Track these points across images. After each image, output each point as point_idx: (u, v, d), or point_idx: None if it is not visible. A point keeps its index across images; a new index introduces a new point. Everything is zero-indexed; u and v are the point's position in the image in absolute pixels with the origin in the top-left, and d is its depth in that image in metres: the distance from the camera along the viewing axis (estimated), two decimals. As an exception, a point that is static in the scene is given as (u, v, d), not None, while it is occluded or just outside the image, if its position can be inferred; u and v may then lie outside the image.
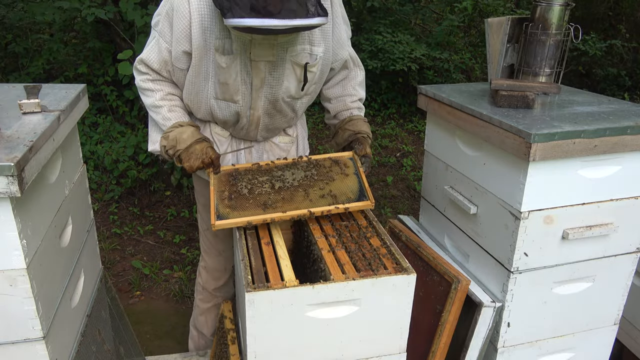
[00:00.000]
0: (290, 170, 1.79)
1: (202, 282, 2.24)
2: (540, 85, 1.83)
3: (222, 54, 1.67)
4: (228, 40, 1.65)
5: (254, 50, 1.66)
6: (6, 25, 4.93)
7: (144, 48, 1.79)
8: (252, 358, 1.43)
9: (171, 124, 1.78)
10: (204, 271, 2.21)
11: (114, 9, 3.95)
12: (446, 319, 1.75)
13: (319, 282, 1.39)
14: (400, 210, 3.98)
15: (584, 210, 1.70)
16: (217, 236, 2.11)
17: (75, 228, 1.63)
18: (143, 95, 1.84)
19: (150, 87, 1.80)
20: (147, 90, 1.81)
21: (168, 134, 1.77)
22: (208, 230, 2.12)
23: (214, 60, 1.69)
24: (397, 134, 5.41)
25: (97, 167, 4.07)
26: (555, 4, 1.87)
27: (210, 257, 2.17)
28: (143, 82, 1.81)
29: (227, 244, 2.14)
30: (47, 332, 1.34)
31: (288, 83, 1.78)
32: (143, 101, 1.86)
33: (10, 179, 1.12)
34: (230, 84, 1.72)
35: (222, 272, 2.20)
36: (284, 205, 1.67)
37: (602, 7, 6.72)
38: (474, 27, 6.95)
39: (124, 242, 3.54)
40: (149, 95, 1.82)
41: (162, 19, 1.70)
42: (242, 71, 1.71)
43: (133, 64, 1.85)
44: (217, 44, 1.65)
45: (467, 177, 1.89)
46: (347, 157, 1.86)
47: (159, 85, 1.81)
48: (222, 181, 1.75)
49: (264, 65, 1.70)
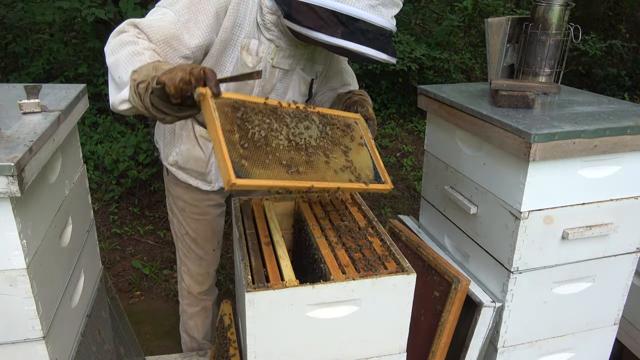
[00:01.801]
0: (303, 123, 1.46)
1: (186, 287, 2.18)
2: (540, 85, 1.83)
3: (249, 54, 1.66)
4: (254, 41, 1.65)
5: (277, 57, 1.71)
6: (6, 25, 4.92)
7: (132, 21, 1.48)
8: (252, 358, 1.43)
9: (143, 59, 1.38)
10: (187, 276, 2.15)
11: (114, 9, 3.96)
12: (446, 319, 1.75)
13: (319, 282, 1.39)
14: (400, 210, 3.98)
15: (584, 210, 1.70)
16: (196, 242, 2.06)
17: (75, 228, 1.63)
18: (118, 47, 1.40)
19: (133, 40, 1.42)
20: (129, 44, 1.40)
21: (141, 67, 1.31)
22: (187, 235, 2.06)
23: (239, 59, 1.66)
24: (397, 134, 5.41)
25: (97, 167, 4.07)
26: (555, 4, 1.87)
27: (191, 262, 2.12)
28: (127, 36, 1.44)
29: (207, 249, 2.09)
30: (47, 332, 1.34)
31: (292, 94, 1.83)
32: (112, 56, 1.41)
33: (10, 179, 1.12)
34: (250, 84, 1.72)
35: (205, 277, 2.16)
36: (308, 171, 1.36)
37: (602, 7, 6.72)
38: (474, 27, 6.95)
39: (124, 242, 3.55)
40: (127, 43, 1.40)
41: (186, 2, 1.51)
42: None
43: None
44: (244, 43, 1.64)
45: (467, 177, 1.89)
46: (352, 119, 1.65)
47: (147, 44, 1.45)
48: (228, 116, 1.26)
49: (278, 72, 1.75)
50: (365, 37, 1.49)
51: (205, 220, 2.05)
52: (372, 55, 1.51)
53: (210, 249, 2.11)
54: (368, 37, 1.50)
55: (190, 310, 2.23)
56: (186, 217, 2.04)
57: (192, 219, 2.03)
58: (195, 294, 2.18)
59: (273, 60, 1.71)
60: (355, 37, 1.49)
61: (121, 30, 1.47)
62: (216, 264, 2.19)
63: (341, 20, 1.47)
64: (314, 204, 1.87)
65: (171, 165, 1.94)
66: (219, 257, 2.20)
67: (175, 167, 1.93)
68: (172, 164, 1.93)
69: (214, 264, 2.17)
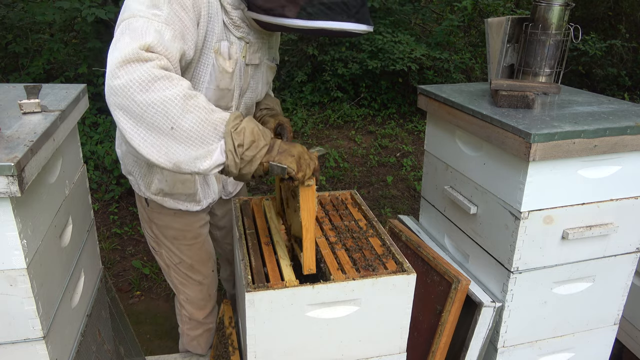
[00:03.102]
0: None
1: (187, 314, 2.05)
2: (540, 85, 1.83)
3: (225, 58, 1.53)
4: (225, 43, 1.52)
5: (248, 54, 1.60)
6: (6, 25, 4.92)
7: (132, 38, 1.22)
8: (252, 358, 1.43)
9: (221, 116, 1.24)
10: (187, 304, 2.02)
11: (114, 9, 3.96)
12: (446, 319, 1.75)
13: (319, 282, 1.39)
14: (400, 210, 3.98)
15: (584, 210, 1.70)
16: (192, 268, 1.94)
17: (76, 228, 1.63)
18: (156, 91, 1.17)
19: (166, 75, 1.19)
20: (163, 79, 1.18)
21: (239, 125, 1.23)
22: (181, 264, 1.92)
23: (214, 65, 1.52)
24: (397, 134, 5.42)
25: (97, 167, 4.07)
26: (555, 4, 1.87)
27: (191, 290, 1.99)
28: (154, 69, 1.18)
29: (205, 273, 1.97)
30: (47, 332, 1.34)
31: (262, 86, 1.77)
32: (152, 103, 1.16)
33: (10, 179, 1.12)
34: (231, 89, 1.60)
35: (206, 301, 2.04)
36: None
37: (602, 7, 6.72)
38: (474, 27, 6.96)
39: (124, 242, 3.54)
40: (168, 87, 1.18)
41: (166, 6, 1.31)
42: (238, 76, 1.61)
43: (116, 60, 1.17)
44: (217, 47, 1.50)
45: (467, 177, 1.89)
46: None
47: (183, 80, 1.24)
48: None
49: (250, 69, 1.66)
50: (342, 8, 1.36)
51: (198, 243, 1.93)
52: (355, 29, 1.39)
53: (209, 272, 1.99)
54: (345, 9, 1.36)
55: (192, 333, 2.12)
56: (179, 245, 1.89)
57: (186, 246, 1.89)
58: (200, 319, 2.07)
59: (245, 58, 1.60)
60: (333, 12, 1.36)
61: (135, 58, 1.18)
62: (217, 283, 2.09)
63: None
64: (314, 204, 1.87)
65: (155, 195, 1.77)
66: (217, 276, 2.09)
67: (160, 196, 1.77)
68: (157, 193, 1.76)
69: (214, 284, 2.06)
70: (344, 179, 4.48)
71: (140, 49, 1.19)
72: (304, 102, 5.88)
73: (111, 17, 3.93)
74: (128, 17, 1.29)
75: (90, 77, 4.59)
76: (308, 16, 1.36)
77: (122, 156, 1.82)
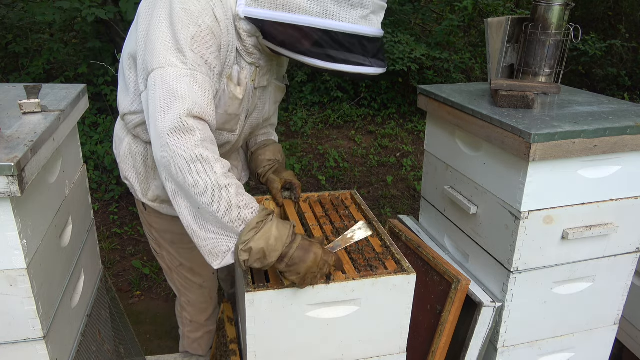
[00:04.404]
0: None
1: (189, 316, 2.03)
2: (540, 85, 1.83)
3: (236, 84, 1.52)
4: (236, 67, 1.51)
5: (257, 78, 1.58)
6: (6, 25, 4.92)
7: (168, 97, 1.29)
8: (252, 358, 1.43)
9: (241, 216, 1.28)
10: (189, 306, 2.01)
11: (114, 9, 3.96)
12: (446, 319, 1.75)
13: (319, 282, 1.39)
14: (400, 210, 3.98)
15: (584, 210, 1.70)
16: (192, 271, 1.91)
17: (76, 228, 1.63)
18: (193, 175, 1.25)
19: (204, 156, 1.25)
20: (200, 162, 1.25)
21: (248, 243, 1.27)
22: (181, 267, 1.89)
23: (225, 91, 1.50)
24: (397, 134, 5.42)
25: (97, 167, 4.07)
26: (555, 4, 1.87)
27: (192, 292, 1.97)
28: (195, 149, 1.25)
29: (206, 276, 1.95)
30: (47, 332, 1.34)
31: (270, 106, 1.75)
32: (186, 186, 1.26)
33: (10, 179, 1.12)
34: (238, 114, 1.58)
35: (208, 304, 2.02)
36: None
37: (602, 7, 6.72)
38: (474, 27, 6.96)
39: (124, 242, 3.54)
40: (203, 171, 1.25)
41: (188, 48, 1.33)
42: (246, 101, 1.60)
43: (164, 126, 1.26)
44: (228, 72, 1.49)
45: (467, 177, 1.89)
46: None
47: (212, 148, 1.29)
48: None
49: (258, 91, 1.64)
50: (360, 53, 1.36)
51: None
52: (371, 73, 1.40)
53: (209, 274, 1.96)
54: (362, 53, 1.37)
55: (193, 336, 2.10)
56: (178, 249, 1.86)
57: (185, 249, 1.85)
58: (202, 322, 2.06)
59: (255, 82, 1.58)
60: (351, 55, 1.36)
61: (179, 127, 1.26)
62: (217, 286, 2.07)
63: (333, 38, 1.34)
64: (314, 203, 1.88)
65: (152, 201, 1.73)
66: (217, 278, 2.08)
67: (157, 202, 1.73)
68: (154, 200, 1.72)
69: (215, 287, 2.04)
70: (344, 179, 4.48)
71: (183, 116, 1.27)
72: (304, 102, 5.88)
73: (111, 17, 3.93)
74: (158, 66, 1.33)
75: (90, 77, 4.59)
76: (327, 58, 1.36)
77: (120, 161, 1.76)
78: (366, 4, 1.33)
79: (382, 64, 1.43)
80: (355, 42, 1.35)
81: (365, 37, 1.36)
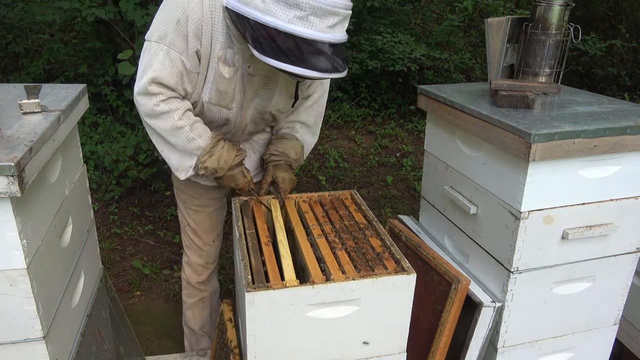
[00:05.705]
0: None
1: (186, 276, 2.26)
2: (540, 85, 1.83)
3: (225, 64, 1.68)
4: (230, 50, 1.67)
5: (253, 64, 1.69)
6: (6, 25, 4.93)
7: (146, 67, 1.64)
8: (252, 358, 1.43)
9: (198, 144, 1.72)
10: (187, 266, 2.24)
11: (114, 9, 3.96)
12: (446, 319, 1.75)
13: (319, 282, 1.39)
14: (400, 210, 3.98)
15: (584, 210, 1.70)
16: (195, 233, 2.16)
17: (76, 228, 1.64)
18: (157, 120, 1.68)
19: (165, 109, 1.66)
20: (163, 114, 1.67)
21: (205, 163, 1.74)
22: (188, 226, 2.16)
23: (216, 69, 1.69)
24: (397, 134, 5.42)
25: (97, 167, 4.07)
26: (555, 4, 1.87)
27: (192, 252, 2.20)
28: (157, 106, 1.65)
29: (206, 241, 2.18)
30: (47, 332, 1.34)
31: (279, 97, 1.82)
32: (154, 128, 1.70)
33: (10, 179, 1.12)
34: (229, 92, 1.74)
35: (203, 267, 2.23)
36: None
37: (602, 7, 6.72)
38: (474, 27, 6.96)
39: (124, 242, 3.55)
40: (165, 119, 1.67)
41: (172, 29, 1.60)
42: (240, 82, 1.74)
43: (137, 89, 1.66)
44: (221, 54, 1.67)
45: (467, 177, 1.89)
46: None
47: (174, 104, 1.67)
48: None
49: (258, 78, 1.74)
50: (294, 54, 1.42)
51: (205, 212, 2.12)
52: (304, 74, 1.45)
53: (209, 241, 2.18)
54: (297, 54, 1.42)
55: (188, 300, 2.30)
56: (187, 209, 2.12)
57: (193, 210, 2.11)
58: (194, 284, 2.25)
59: (250, 68, 1.70)
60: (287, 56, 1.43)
61: (145, 93, 1.65)
62: (215, 256, 2.26)
63: (270, 33, 1.43)
64: (314, 203, 1.88)
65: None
66: (218, 250, 2.27)
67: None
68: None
69: (212, 256, 2.23)
70: (344, 179, 4.48)
71: (148, 83, 1.63)
72: (304, 102, 5.87)
73: (111, 17, 3.93)
74: (148, 37, 1.66)
75: (90, 77, 4.59)
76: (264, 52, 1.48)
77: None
78: (302, 5, 1.39)
79: (325, 68, 1.46)
80: (290, 41, 1.43)
81: (302, 38, 1.42)
